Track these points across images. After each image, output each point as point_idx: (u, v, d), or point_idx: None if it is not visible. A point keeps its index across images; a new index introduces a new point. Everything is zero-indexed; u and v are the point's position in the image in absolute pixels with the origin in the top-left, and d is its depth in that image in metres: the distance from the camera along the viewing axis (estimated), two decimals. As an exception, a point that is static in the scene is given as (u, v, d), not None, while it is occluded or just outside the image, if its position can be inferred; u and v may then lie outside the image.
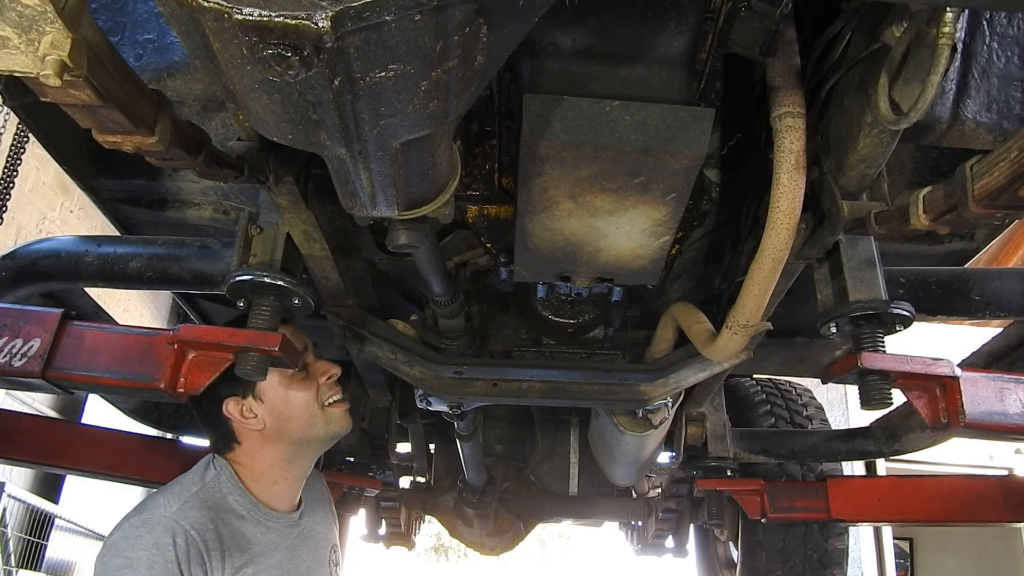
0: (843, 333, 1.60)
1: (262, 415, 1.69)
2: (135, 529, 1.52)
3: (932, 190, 1.10)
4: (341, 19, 0.63)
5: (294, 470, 1.76)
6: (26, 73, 0.72)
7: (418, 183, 1.04)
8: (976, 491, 2.47)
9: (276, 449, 1.72)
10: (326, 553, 1.89)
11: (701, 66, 1.26)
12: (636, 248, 1.40)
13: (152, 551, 1.47)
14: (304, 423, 1.72)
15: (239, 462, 1.72)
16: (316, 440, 1.76)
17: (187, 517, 1.55)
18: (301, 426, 1.72)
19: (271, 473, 1.72)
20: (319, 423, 1.74)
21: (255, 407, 1.69)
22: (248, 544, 1.64)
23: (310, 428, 1.73)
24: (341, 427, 1.78)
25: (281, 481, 1.74)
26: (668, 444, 2.51)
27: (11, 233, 6.00)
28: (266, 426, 1.70)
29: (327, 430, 1.76)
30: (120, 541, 1.51)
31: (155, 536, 1.50)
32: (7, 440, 2.34)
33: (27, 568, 6.45)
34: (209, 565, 1.53)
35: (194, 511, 1.57)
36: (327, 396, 1.76)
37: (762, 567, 2.94)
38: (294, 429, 1.71)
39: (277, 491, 1.74)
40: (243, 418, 1.69)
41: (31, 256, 2.00)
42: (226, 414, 1.69)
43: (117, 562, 1.47)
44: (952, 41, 0.98)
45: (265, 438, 1.71)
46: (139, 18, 1.43)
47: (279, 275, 1.55)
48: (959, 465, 5.20)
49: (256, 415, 1.69)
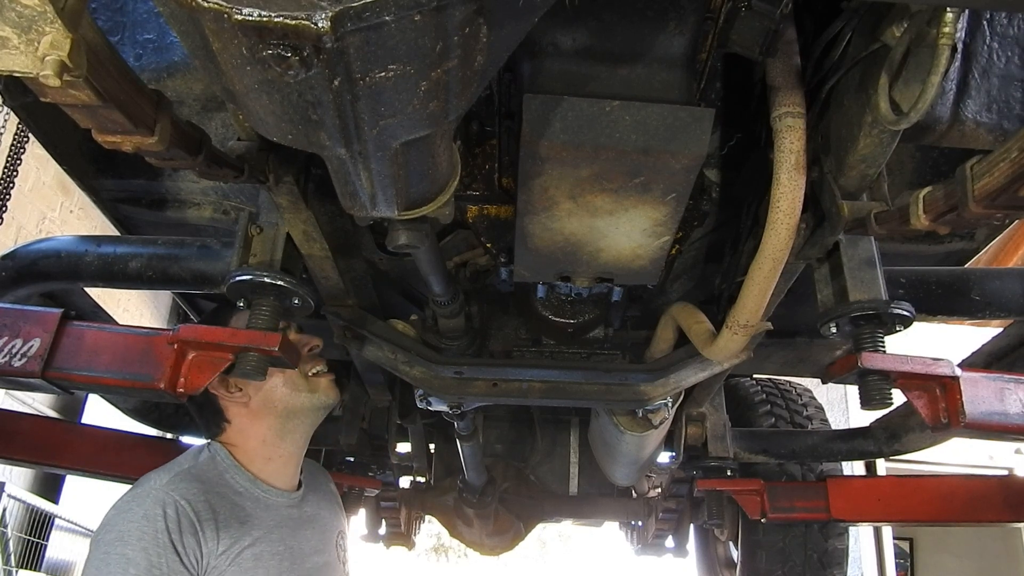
0: (843, 333, 1.60)
1: (247, 388, 1.72)
2: (126, 504, 1.54)
3: (932, 190, 1.10)
4: (341, 19, 0.63)
5: (287, 445, 1.78)
6: (26, 73, 0.72)
7: (418, 183, 1.04)
8: (976, 491, 2.47)
9: (265, 424, 1.74)
10: (333, 537, 1.91)
11: (701, 66, 1.26)
12: (636, 248, 1.40)
13: (142, 522, 1.48)
14: (289, 392, 1.74)
15: (232, 443, 1.74)
16: (303, 411, 1.78)
17: (177, 488, 1.55)
18: (286, 395, 1.74)
19: (264, 450, 1.74)
20: (303, 393, 1.76)
21: (239, 382, 1.71)
22: (247, 518, 1.64)
23: (295, 397, 1.75)
24: (328, 396, 1.80)
25: (276, 458, 1.76)
26: (668, 444, 2.51)
27: (11, 233, 6.00)
28: (251, 399, 1.72)
29: (312, 400, 1.78)
30: (112, 516, 1.53)
31: (144, 508, 1.51)
32: (7, 440, 2.34)
33: (27, 568, 6.45)
34: (202, 535, 1.53)
35: (184, 483, 1.58)
36: (309, 367, 1.78)
37: (762, 567, 2.94)
38: (280, 400, 1.74)
39: (273, 468, 1.76)
40: (228, 393, 1.71)
41: (31, 256, 2.00)
42: (212, 391, 1.70)
43: (109, 537, 1.49)
44: (952, 41, 0.98)
45: (253, 413, 1.73)
46: (139, 18, 1.43)
47: (279, 275, 1.55)
48: (959, 465, 5.20)
49: (241, 389, 1.72)
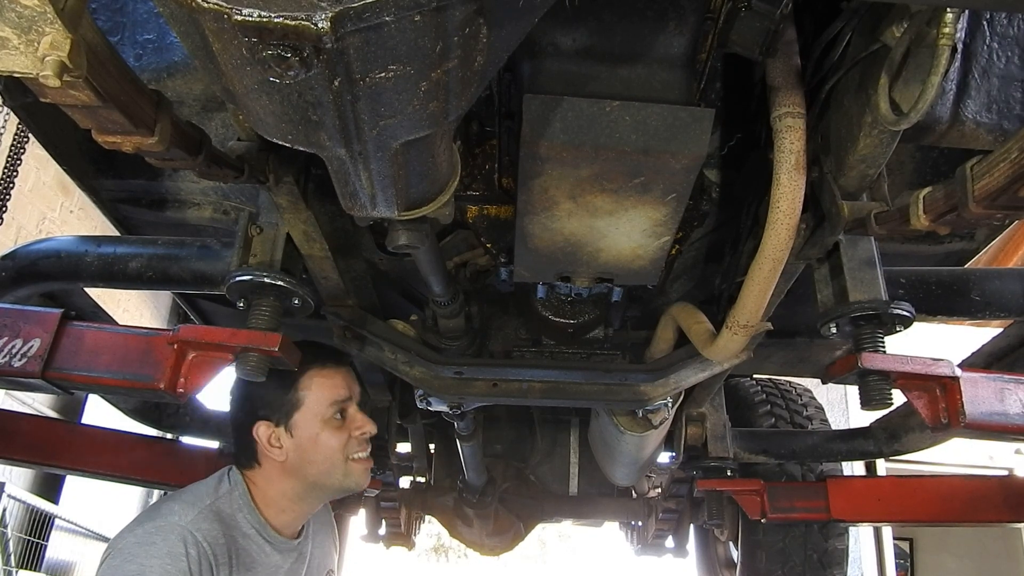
0: (843, 333, 1.60)
1: (287, 447, 1.69)
2: (149, 535, 1.53)
3: (932, 190, 1.10)
4: (341, 20, 0.63)
5: (304, 506, 1.78)
6: (26, 74, 0.72)
7: (418, 183, 1.04)
8: (976, 491, 2.47)
9: (290, 483, 1.72)
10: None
11: (701, 66, 1.26)
12: (636, 248, 1.40)
13: (165, 560, 1.48)
14: (324, 469, 1.72)
15: (254, 482, 1.73)
16: (330, 488, 1.77)
17: (200, 528, 1.56)
18: (320, 471, 1.72)
19: (281, 502, 1.73)
20: (337, 473, 1.74)
21: (283, 438, 1.69)
22: (253, 563, 1.65)
23: (328, 475, 1.73)
24: (357, 483, 1.78)
25: (289, 512, 1.76)
26: (668, 444, 2.51)
27: (11, 233, 6.00)
28: (288, 459, 1.70)
29: (343, 482, 1.76)
30: (133, 547, 1.51)
31: (168, 544, 1.50)
32: (7, 440, 2.34)
33: (27, 568, 6.45)
34: None
35: (207, 523, 1.58)
36: (354, 450, 1.75)
37: (762, 567, 2.93)
38: (312, 472, 1.72)
39: (284, 519, 1.75)
40: (269, 445, 1.69)
41: (31, 256, 2.00)
42: (254, 435, 1.69)
43: (130, 568, 1.48)
44: (952, 42, 0.98)
45: (283, 470, 1.71)
46: (139, 18, 1.43)
47: (279, 275, 1.55)
48: (959, 465, 5.19)
49: (282, 446, 1.69)
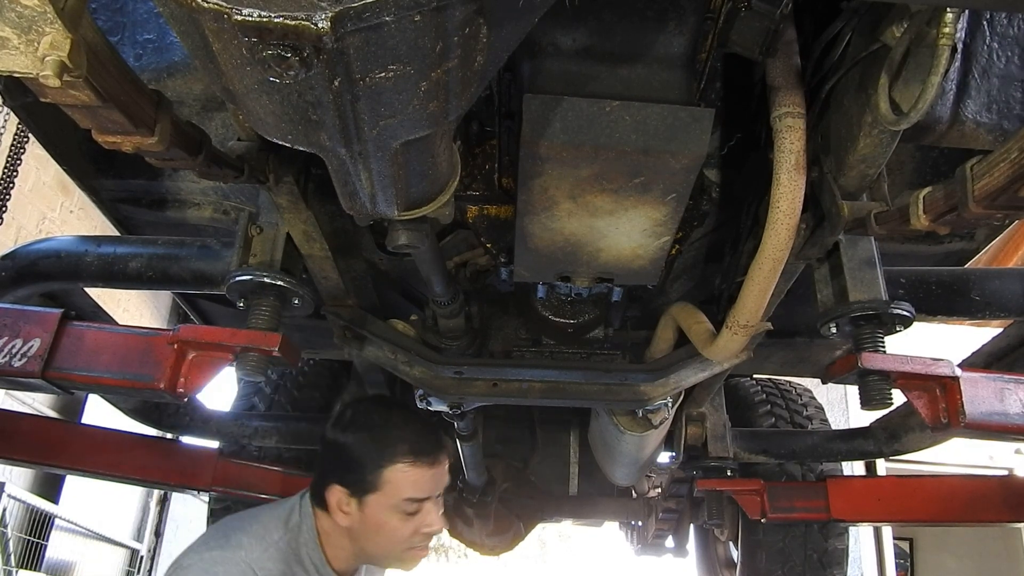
0: (843, 333, 1.60)
1: (353, 518, 1.69)
2: (212, 564, 1.55)
3: (932, 190, 1.10)
4: (341, 20, 0.63)
5: (357, 561, 1.80)
6: (26, 73, 0.72)
7: (418, 183, 1.04)
8: (976, 491, 2.47)
9: (349, 542, 1.73)
10: None
11: (701, 66, 1.26)
12: (636, 248, 1.40)
13: None
14: (380, 551, 1.74)
15: (320, 520, 1.73)
16: (380, 564, 1.83)
17: (264, 567, 1.58)
18: (377, 551, 1.74)
19: (340, 552, 1.75)
20: (392, 558, 1.77)
21: (352, 508, 1.68)
22: None
23: (382, 557, 1.77)
24: (407, 569, 1.82)
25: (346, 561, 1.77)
26: (668, 444, 2.51)
27: (11, 233, 5.99)
28: (352, 524, 1.70)
29: (395, 564, 1.80)
30: (198, 572, 1.54)
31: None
32: (7, 440, 2.34)
33: (27, 568, 6.44)
34: None
35: (271, 563, 1.60)
36: (417, 543, 1.76)
37: (762, 567, 2.94)
38: (369, 547, 1.73)
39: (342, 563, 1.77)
40: (336, 508, 1.69)
41: (31, 256, 2.00)
42: (326, 494, 1.70)
43: None
44: (952, 41, 0.98)
45: (345, 530, 1.72)
46: (139, 18, 1.43)
47: (279, 275, 1.55)
48: (959, 465, 5.20)
49: (348, 514, 1.69)
